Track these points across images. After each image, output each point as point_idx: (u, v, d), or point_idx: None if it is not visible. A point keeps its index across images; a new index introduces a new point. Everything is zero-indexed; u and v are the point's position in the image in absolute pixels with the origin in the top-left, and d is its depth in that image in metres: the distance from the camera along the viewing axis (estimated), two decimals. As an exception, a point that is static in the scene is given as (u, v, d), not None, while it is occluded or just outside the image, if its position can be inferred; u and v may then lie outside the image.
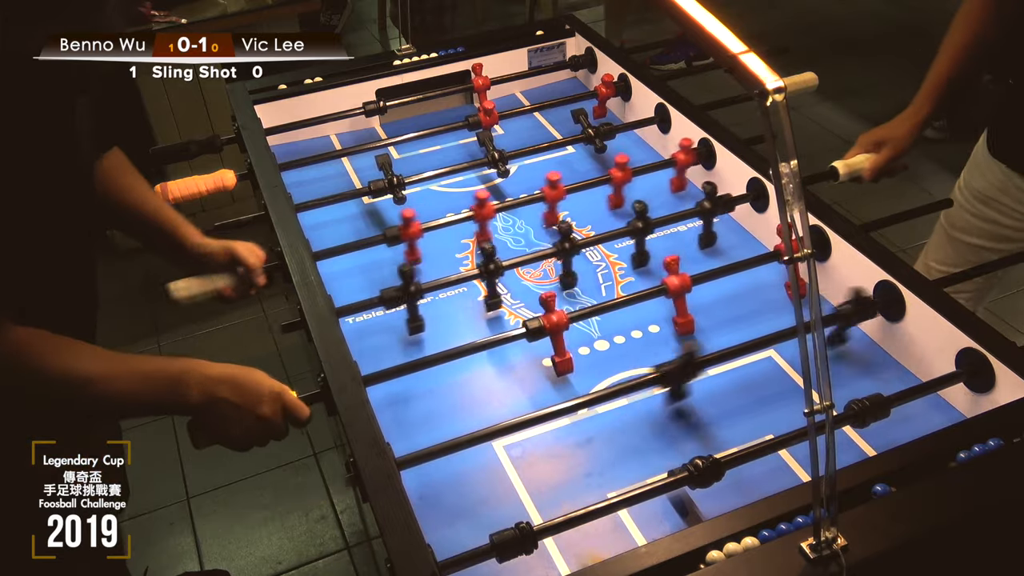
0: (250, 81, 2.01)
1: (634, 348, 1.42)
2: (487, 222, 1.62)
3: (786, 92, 0.79)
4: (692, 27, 0.87)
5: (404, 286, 1.39)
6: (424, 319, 1.45)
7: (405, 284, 1.39)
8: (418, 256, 1.59)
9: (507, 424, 1.18)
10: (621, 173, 1.68)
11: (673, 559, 0.95)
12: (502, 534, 1.00)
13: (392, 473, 1.06)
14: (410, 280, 1.39)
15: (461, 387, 1.37)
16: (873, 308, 1.35)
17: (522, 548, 1.00)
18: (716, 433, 1.26)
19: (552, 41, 2.18)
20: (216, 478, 2.50)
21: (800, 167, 0.83)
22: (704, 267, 1.48)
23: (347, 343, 1.28)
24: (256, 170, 1.70)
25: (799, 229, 0.83)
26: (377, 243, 1.58)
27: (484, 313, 1.50)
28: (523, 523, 1.01)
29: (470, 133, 1.93)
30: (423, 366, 1.30)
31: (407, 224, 1.55)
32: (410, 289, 1.39)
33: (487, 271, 1.45)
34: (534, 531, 1.01)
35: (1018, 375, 1.17)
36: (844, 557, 0.91)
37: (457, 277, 1.48)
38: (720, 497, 1.11)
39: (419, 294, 1.41)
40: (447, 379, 1.37)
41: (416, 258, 1.59)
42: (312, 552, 2.31)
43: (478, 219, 1.60)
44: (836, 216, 1.47)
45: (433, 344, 1.45)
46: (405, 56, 2.08)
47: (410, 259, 1.59)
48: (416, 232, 1.56)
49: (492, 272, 1.45)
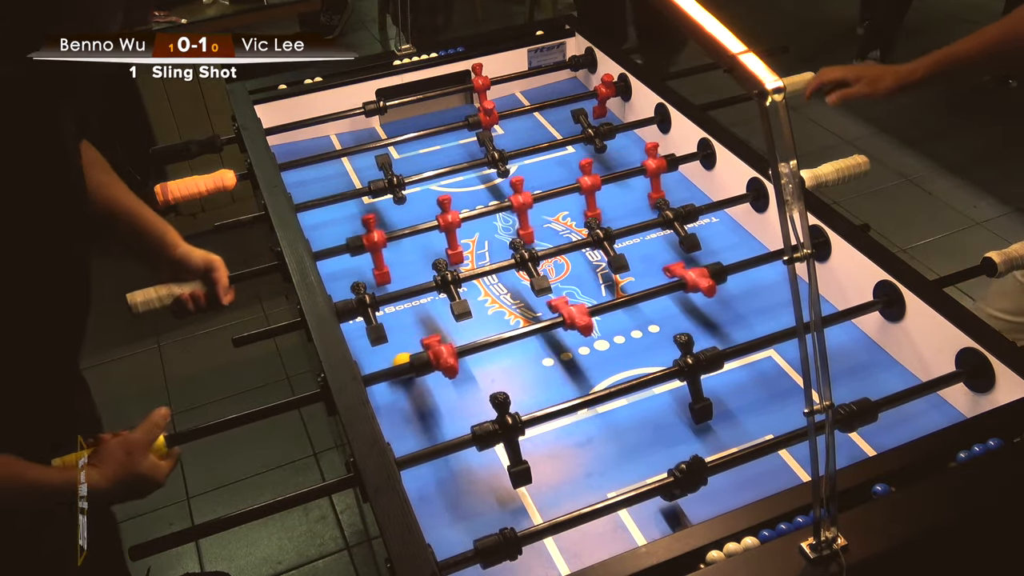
0: (250, 81, 2.01)
1: (634, 348, 1.42)
2: (525, 211, 1.63)
3: (785, 92, 0.79)
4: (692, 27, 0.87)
5: (359, 299, 1.38)
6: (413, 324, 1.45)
7: (440, 277, 1.41)
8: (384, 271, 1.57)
9: (508, 424, 1.18)
10: (590, 180, 1.67)
11: (673, 559, 0.95)
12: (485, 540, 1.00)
13: (392, 473, 1.06)
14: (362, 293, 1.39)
15: (461, 387, 1.37)
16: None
17: (506, 554, 1.00)
18: (716, 433, 1.26)
19: (552, 41, 2.18)
20: (216, 478, 2.50)
21: (800, 167, 0.82)
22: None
23: (347, 343, 1.28)
24: (256, 170, 1.70)
25: (799, 229, 0.83)
26: (405, 236, 1.59)
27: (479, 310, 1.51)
28: (507, 529, 1.01)
29: (470, 133, 1.93)
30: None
31: (371, 230, 1.53)
32: (366, 300, 1.38)
33: (522, 261, 1.46)
34: (518, 537, 1.01)
35: (1018, 375, 1.17)
36: (844, 557, 0.91)
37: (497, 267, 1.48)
38: (720, 497, 1.11)
39: (376, 307, 1.39)
40: (447, 379, 1.37)
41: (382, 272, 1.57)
42: (312, 552, 2.31)
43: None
44: (836, 216, 1.47)
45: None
46: (405, 56, 2.08)
47: (376, 273, 1.57)
48: (382, 241, 1.54)
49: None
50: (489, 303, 1.54)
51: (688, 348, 1.24)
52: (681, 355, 1.24)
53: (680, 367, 1.23)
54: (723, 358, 1.25)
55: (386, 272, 1.56)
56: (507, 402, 1.14)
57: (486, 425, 1.14)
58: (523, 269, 1.48)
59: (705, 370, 1.24)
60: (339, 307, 1.36)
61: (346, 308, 1.36)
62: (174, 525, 2.37)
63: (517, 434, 1.14)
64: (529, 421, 1.16)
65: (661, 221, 1.55)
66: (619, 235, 1.53)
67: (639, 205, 1.73)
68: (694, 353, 1.23)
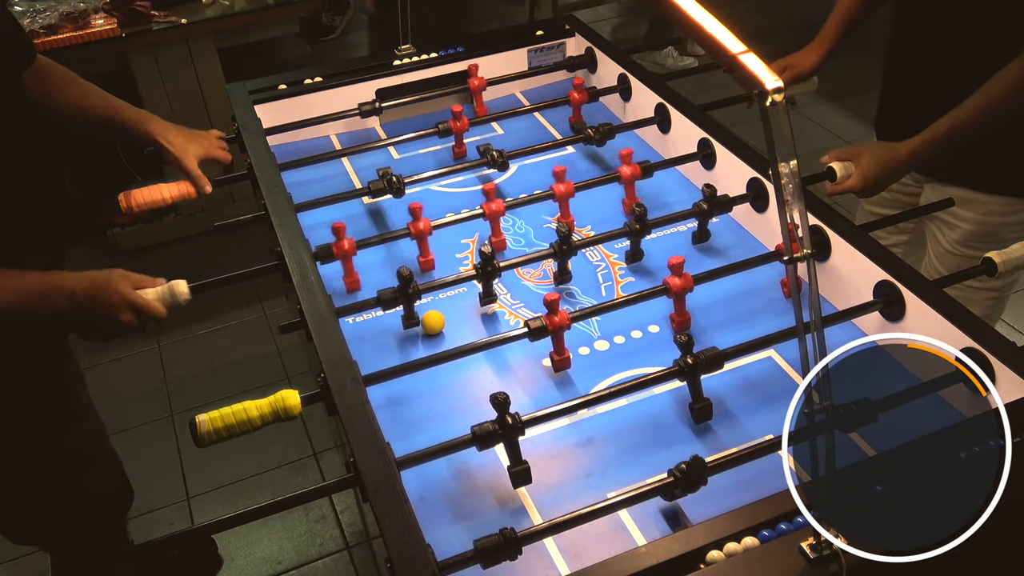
0: (250, 81, 2.01)
1: (634, 348, 1.42)
2: (497, 218, 1.62)
3: (785, 92, 0.79)
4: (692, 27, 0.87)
5: (402, 287, 1.39)
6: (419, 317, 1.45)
7: (403, 286, 1.39)
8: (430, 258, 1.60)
9: (508, 424, 1.18)
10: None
11: (673, 559, 0.95)
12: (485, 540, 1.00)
13: (392, 473, 1.06)
14: (408, 282, 1.39)
15: (461, 387, 1.37)
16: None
17: (506, 554, 1.00)
18: (716, 433, 1.26)
19: (552, 41, 2.18)
20: (216, 478, 2.50)
21: (800, 167, 0.82)
22: (704, 267, 1.48)
23: (347, 343, 1.28)
24: (256, 170, 1.70)
25: (799, 229, 0.83)
26: (374, 244, 1.58)
27: (479, 310, 1.50)
28: (507, 529, 1.01)
29: (471, 133, 1.93)
30: (423, 366, 1.30)
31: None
32: (408, 291, 1.39)
33: (484, 272, 1.44)
34: (518, 536, 1.01)
35: (1018, 375, 1.17)
36: (844, 557, 0.91)
37: (456, 277, 1.48)
38: (720, 497, 1.11)
39: (417, 295, 1.40)
40: (447, 379, 1.37)
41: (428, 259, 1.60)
42: (312, 552, 2.31)
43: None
44: (836, 216, 1.47)
45: (433, 344, 1.45)
46: (405, 56, 2.08)
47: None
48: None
49: (490, 273, 1.45)
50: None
51: (688, 348, 1.24)
52: (681, 355, 1.24)
53: (680, 367, 1.23)
54: (723, 358, 1.25)
55: (357, 279, 1.57)
56: (507, 402, 1.14)
57: (486, 425, 1.14)
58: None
59: (705, 370, 1.24)
60: (381, 296, 1.39)
61: (388, 297, 1.39)
62: (174, 525, 2.37)
63: (517, 434, 1.14)
64: (529, 421, 1.16)
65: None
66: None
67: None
68: (694, 353, 1.24)
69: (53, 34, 2.72)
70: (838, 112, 3.92)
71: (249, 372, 2.83)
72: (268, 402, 1.16)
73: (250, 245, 1.97)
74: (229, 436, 1.15)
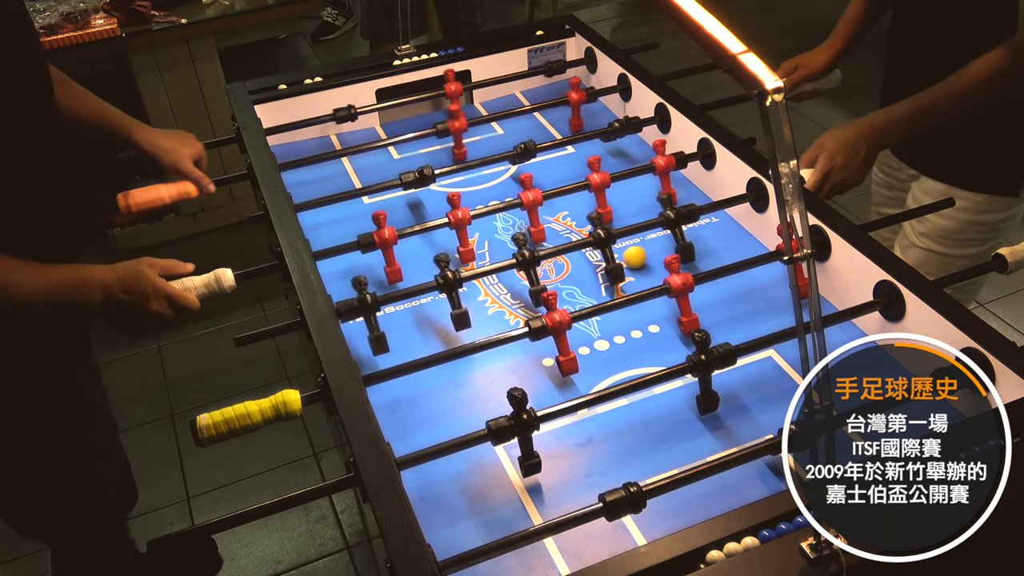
0: (250, 81, 2.01)
1: (634, 348, 1.42)
2: (535, 207, 1.63)
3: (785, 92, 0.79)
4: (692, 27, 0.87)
5: (443, 274, 1.40)
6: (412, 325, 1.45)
7: (361, 295, 1.38)
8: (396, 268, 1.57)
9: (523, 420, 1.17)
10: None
11: (673, 559, 0.95)
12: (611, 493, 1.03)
13: (392, 473, 1.06)
14: (365, 290, 1.38)
15: (461, 387, 1.37)
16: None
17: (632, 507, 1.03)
18: (716, 433, 1.26)
19: (552, 41, 2.18)
20: (216, 478, 2.50)
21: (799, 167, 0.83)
22: (704, 267, 1.48)
23: (347, 343, 1.28)
24: (256, 170, 1.70)
25: (799, 229, 0.83)
26: (415, 233, 1.59)
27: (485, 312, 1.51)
28: (632, 483, 1.03)
29: (470, 133, 1.93)
30: (423, 366, 1.30)
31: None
32: (367, 300, 1.37)
33: (525, 261, 1.46)
34: (643, 491, 1.03)
35: (1018, 375, 1.17)
36: (844, 557, 0.91)
37: (499, 265, 1.48)
38: (720, 497, 1.11)
39: (377, 306, 1.38)
40: (447, 379, 1.37)
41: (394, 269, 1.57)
42: (312, 552, 2.31)
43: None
44: (836, 216, 1.47)
45: (433, 344, 1.45)
46: (405, 56, 2.08)
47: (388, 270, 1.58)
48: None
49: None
50: (489, 303, 1.54)
51: (705, 345, 1.24)
52: (696, 351, 1.24)
53: (694, 363, 1.24)
54: (737, 353, 1.25)
55: (397, 269, 1.56)
56: (524, 399, 1.14)
57: (501, 421, 1.14)
58: (523, 269, 1.47)
59: (719, 366, 1.24)
60: (340, 307, 1.35)
61: (347, 308, 1.36)
62: (174, 525, 2.37)
63: (532, 430, 1.16)
64: (544, 417, 1.17)
65: (662, 220, 1.55)
66: (620, 235, 1.53)
67: (645, 203, 1.73)
68: (708, 349, 1.24)
69: (53, 34, 2.72)
70: (838, 112, 3.92)
71: (249, 372, 2.83)
72: (269, 402, 1.16)
73: (250, 245, 1.97)
74: (230, 435, 1.15)
